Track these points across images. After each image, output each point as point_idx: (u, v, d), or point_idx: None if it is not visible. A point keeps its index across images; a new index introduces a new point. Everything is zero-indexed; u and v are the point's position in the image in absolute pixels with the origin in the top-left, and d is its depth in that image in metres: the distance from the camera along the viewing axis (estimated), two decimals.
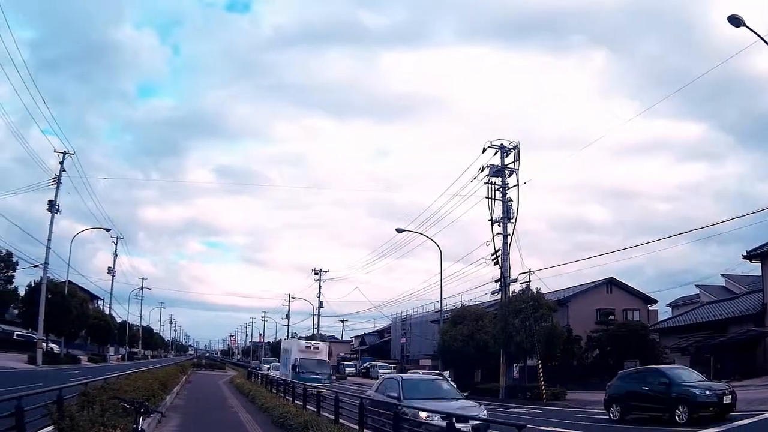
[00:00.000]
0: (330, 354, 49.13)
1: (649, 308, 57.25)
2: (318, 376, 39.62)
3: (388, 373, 24.50)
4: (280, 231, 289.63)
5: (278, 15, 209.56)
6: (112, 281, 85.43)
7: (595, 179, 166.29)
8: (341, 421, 17.31)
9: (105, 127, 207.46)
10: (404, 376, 20.04)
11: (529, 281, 38.24)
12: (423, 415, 14.60)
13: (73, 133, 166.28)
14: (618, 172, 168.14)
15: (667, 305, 59.35)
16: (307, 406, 22.72)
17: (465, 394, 19.58)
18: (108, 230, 73.11)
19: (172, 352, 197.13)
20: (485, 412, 17.09)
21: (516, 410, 29.80)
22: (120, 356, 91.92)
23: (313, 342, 48.91)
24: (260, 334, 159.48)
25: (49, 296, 51.03)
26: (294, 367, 41.51)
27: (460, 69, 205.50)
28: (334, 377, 38.40)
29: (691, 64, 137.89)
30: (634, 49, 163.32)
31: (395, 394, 17.32)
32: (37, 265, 50.63)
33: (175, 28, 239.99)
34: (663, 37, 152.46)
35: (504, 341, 37.39)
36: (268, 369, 59.64)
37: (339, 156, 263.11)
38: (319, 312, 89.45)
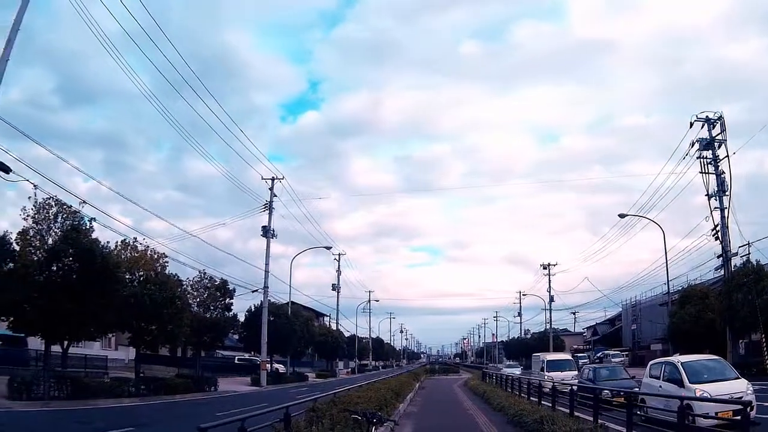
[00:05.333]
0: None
1: None
2: None
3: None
4: (477, 226, 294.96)
5: None
6: (338, 297, 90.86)
7: None
8: (576, 414, 18.00)
9: (257, 146, 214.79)
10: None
11: (749, 254, 38.88)
12: None
13: (223, 156, 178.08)
14: None
15: None
16: (542, 402, 23.52)
17: None
18: (329, 248, 78.28)
19: (404, 360, 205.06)
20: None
21: None
22: (349, 370, 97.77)
23: None
24: (493, 335, 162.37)
25: (271, 319, 55.67)
26: None
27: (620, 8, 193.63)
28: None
29: None
30: None
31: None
32: (256, 290, 55.44)
33: (298, 36, 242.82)
34: None
35: (729, 318, 37.42)
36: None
37: (508, 141, 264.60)
38: (550, 306, 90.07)
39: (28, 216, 28.36)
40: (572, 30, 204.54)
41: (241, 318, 58.01)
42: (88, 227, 29.96)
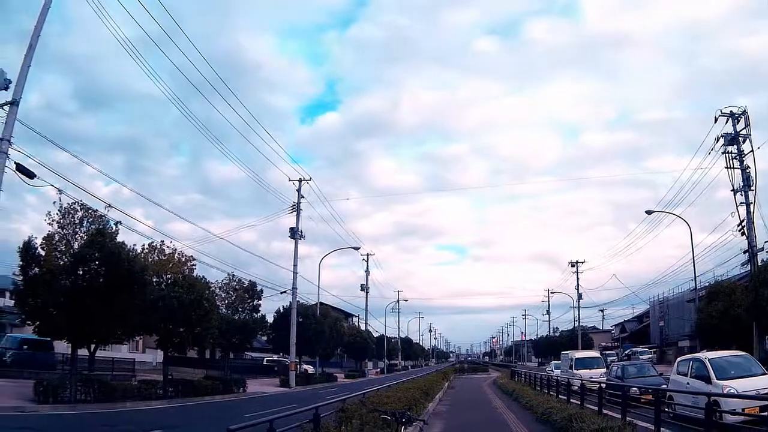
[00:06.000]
0: None
1: None
2: None
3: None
4: (501, 225, 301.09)
5: None
6: (366, 297, 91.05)
7: None
8: (604, 411, 18.01)
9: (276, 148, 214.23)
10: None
11: None
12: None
13: (242, 159, 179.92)
14: None
15: None
16: (571, 400, 23.56)
17: None
18: (357, 249, 78.35)
19: (433, 360, 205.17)
20: None
21: None
22: (378, 370, 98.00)
23: None
24: (522, 333, 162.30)
25: (300, 320, 55.90)
26: None
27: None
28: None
29: None
30: None
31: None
32: (285, 291, 55.82)
33: (313, 38, 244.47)
34: None
35: (755, 314, 37.49)
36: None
37: (529, 138, 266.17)
38: (579, 304, 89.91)
39: (53, 221, 28.57)
40: (589, 25, 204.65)
41: (270, 319, 58.19)
42: (113, 230, 30.13)
